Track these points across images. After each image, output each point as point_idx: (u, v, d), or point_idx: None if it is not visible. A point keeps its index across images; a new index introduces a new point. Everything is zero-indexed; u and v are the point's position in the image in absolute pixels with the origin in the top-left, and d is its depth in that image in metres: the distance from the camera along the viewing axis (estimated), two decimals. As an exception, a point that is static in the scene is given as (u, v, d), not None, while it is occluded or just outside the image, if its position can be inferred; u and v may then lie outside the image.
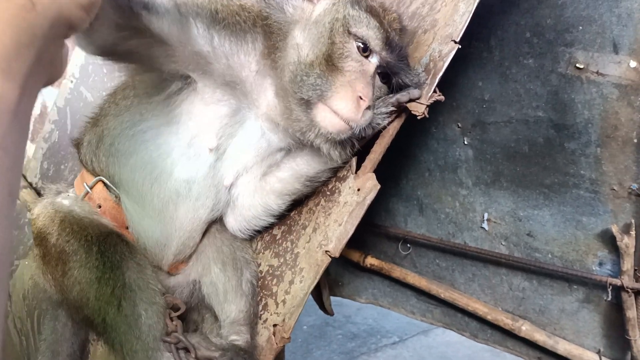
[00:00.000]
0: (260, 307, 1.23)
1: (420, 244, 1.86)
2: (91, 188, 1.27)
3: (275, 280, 1.21)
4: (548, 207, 1.53)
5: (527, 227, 1.59)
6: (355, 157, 1.10)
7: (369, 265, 1.96)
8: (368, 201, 0.99)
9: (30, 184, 1.90)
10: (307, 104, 1.09)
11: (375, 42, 1.07)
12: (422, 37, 1.04)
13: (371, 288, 2.10)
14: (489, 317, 1.69)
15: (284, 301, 1.11)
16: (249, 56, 1.13)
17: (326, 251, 1.01)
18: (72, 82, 1.83)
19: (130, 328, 1.09)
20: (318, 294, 2.07)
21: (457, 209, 1.75)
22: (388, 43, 1.07)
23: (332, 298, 2.17)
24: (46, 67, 0.68)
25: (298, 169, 1.24)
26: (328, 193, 1.12)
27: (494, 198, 1.64)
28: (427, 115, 0.91)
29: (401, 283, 1.94)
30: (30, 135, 2.04)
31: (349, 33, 1.07)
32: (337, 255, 1.00)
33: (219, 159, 1.23)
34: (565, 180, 1.45)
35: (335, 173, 1.14)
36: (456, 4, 0.97)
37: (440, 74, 0.94)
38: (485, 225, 1.68)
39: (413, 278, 1.87)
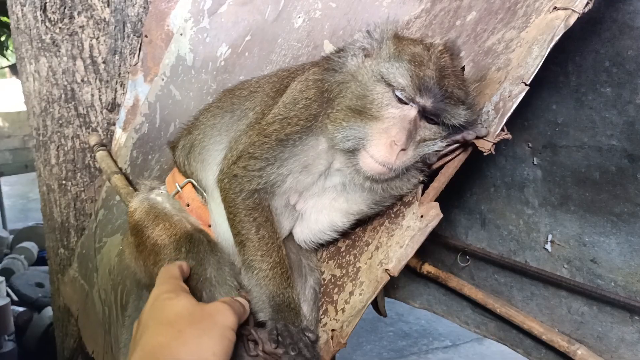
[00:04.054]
0: (321, 312, 1.33)
1: (480, 258, 1.87)
2: (181, 188, 1.43)
3: (336, 289, 1.30)
4: (615, 236, 1.50)
5: (592, 253, 1.57)
6: (422, 185, 1.17)
7: (425, 272, 1.99)
8: (430, 228, 1.06)
9: (121, 170, 2.10)
10: (353, 153, 1.22)
11: (409, 90, 1.15)
12: (495, 75, 1.08)
13: (426, 294, 2.13)
14: (544, 337, 1.68)
15: (343, 309, 1.20)
16: (325, 144, 1.29)
17: (386, 269, 1.10)
18: (163, 80, 2.00)
19: None
20: (373, 293, 2.14)
21: (521, 227, 1.75)
22: (424, 89, 1.13)
23: (386, 298, 2.23)
24: None
25: (365, 193, 1.32)
26: (393, 216, 1.20)
27: (560, 221, 1.63)
28: (494, 152, 0.95)
29: (457, 293, 1.96)
30: (122, 125, 2.24)
31: (386, 84, 1.18)
32: (396, 274, 1.08)
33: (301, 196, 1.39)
34: (636, 210, 1.43)
35: (402, 198, 1.22)
36: (530, 46, 1.00)
37: (509, 114, 0.98)
38: (548, 246, 1.67)
39: (470, 290, 1.88)
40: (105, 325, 2.04)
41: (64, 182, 2.67)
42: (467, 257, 1.91)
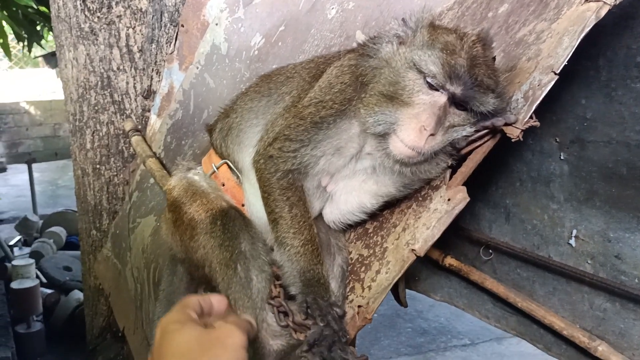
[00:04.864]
0: (348, 289, 1.39)
1: (503, 252, 1.88)
2: (217, 168, 1.50)
3: (363, 268, 1.36)
4: (641, 232, 1.50)
5: (616, 249, 1.57)
6: (450, 169, 1.22)
7: (447, 265, 2.01)
8: (456, 211, 1.12)
9: (155, 154, 2.18)
10: (383, 137, 1.27)
11: (439, 78, 1.19)
12: (525, 64, 1.12)
13: (447, 287, 2.15)
14: (565, 333, 1.68)
15: (369, 287, 1.26)
16: (357, 128, 1.34)
17: (412, 250, 1.15)
18: (197, 68, 2.07)
19: (244, 288, 1.31)
20: (394, 285, 2.17)
21: (545, 222, 1.75)
22: (454, 77, 1.17)
23: (406, 291, 2.26)
24: None
25: (395, 176, 1.36)
26: (420, 199, 1.26)
27: (585, 216, 1.63)
28: (522, 139, 0.99)
29: (478, 286, 1.97)
30: (157, 111, 2.32)
31: (418, 71, 1.22)
32: (422, 254, 1.14)
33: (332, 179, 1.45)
34: (663, 207, 1.43)
35: (430, 182, 1.27)
36: (561, 37, 1.03)
37: (538, 102, 1.02)
38: (572, 241, 1.67)
39: (491, 283, 1.89)
40: (137, 301, 2.13)
41: (98, 166, 2.77)
42: (490, 250, 1.92)
